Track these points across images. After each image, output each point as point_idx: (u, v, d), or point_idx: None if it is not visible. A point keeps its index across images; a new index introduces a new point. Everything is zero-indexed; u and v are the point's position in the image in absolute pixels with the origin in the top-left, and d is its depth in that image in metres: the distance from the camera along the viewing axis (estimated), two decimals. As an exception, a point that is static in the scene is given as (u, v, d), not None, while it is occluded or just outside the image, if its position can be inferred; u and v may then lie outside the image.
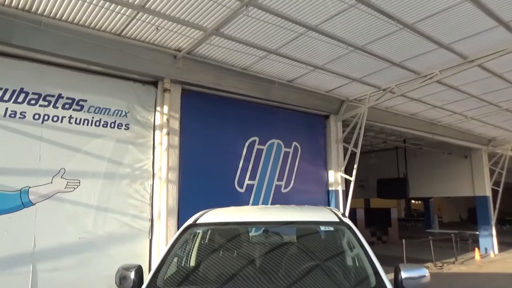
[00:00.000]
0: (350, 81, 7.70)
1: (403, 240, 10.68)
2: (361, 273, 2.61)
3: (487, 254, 13.18)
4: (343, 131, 9.03)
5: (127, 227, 5.77)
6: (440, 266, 10.71)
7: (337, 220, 3.06)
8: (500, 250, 13.59)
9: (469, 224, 20.41)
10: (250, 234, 3.35)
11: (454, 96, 8.71)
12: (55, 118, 5.33)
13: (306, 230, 3.13)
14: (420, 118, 10.75)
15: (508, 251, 13.81)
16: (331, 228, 3.03)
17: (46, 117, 5.26)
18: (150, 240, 5.96)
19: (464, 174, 14.40)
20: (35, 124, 5.17)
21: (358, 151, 8.61)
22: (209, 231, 3.22)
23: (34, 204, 5.02)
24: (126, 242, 5.69)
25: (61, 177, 5.27)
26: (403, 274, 2.48)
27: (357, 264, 2.75)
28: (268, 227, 3.26)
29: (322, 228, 3.02)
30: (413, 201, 34.89)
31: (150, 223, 6.00)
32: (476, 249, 12.60)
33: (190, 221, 3.11)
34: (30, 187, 5.01)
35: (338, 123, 8.98)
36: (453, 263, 11.30)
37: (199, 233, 3.24)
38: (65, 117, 5.41)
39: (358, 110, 8.55)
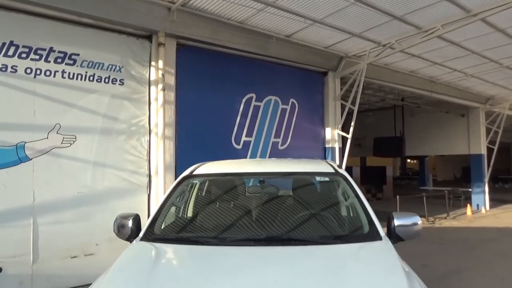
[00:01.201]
0: (350, 36, 7.51)
1: (397, 197, 10.90)
2: (355, 221, 2.66)
3: (479, 210, 13.53)
4: (341, 89, 8.93)
5: (125, 182, 5.83)
6: (432, 221, 11.01)
7: (333, 171, 3.08)
8: (491, 206, 13.94)
9: (462, 182, 20.77)
10: (246, 185, 3.39)
11: (455, 52, 8.55)
12: (47, 73, 5.22)
13: (302, 180, 3.16)
14: (419, 76, 10.62)
15: (499, 207, 14.17)
16: (327, 179, 3.06)
17: (38, 71, 5.15)
18: (149, 195, 6.05)
19: (460, 132, 14.47)
20: (27, 79, 5.07)
21: (355, 109, 8.57)
22: (206, 182, 3.25)
23: (31, 159, 5.03)
24: (125, 196, 5.76)
25: (57, 133, 5.25)
26: (396, 222, 2.53)
27: (352, 213, 2.80)
28: (264, 178, 3.29)
29: (318, 178, 3.05)
30: (408, 160, 35.35)
31: (148, 178, 6.06)
32: (468, 205, 12.91)
33: (186, 172, 3.13)
34: (26, 142, 5.00)
35: (336, 80, 8.86)
36: (445, 218, 11.61)
37: (195, 184, 3.27)
38: (57, 71, 5.30)
39: (357, 66, 8.42)
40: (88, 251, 5.36)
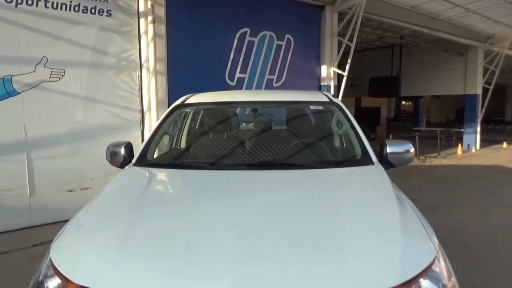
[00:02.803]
0: (349, -34, 7.09)
1: (390, 136, 11.00)
2: (349, 148, 2.67)
3: (469, 149, 13.78)
4: (339, 25, 8.61)
5: (118, 118, 5.76)
6: (423, 160, 11.24)
7: (328, 100, 3.04)
8: (481, 146, 14.19)
9: (455, 124, 20.95)
10: (240, 115, 3.36)
11: (459, -15, 8.16)
12: (29, 2, 4.92)
13: (296, 109, 3.12)
14: (420, 12, 10.23)
15: (489, 147, 14.44)
16: (321, 108, 3.02)
17: (19, 0, 4.85)
18: (142, 131, 6.02)
19: (457, 72, 14.30)
20: (8, 8, 4.78)
21: (352, 45, 8.33)
22: (199, 112, 3.21)
23: (20, 93, 4.90)
24: (118, 132, 5.72)
25: (44, 66, 5.07)
26: (389, 149, 2.53)
27: (345, 141, 2.80)
28: (258, 107, 3.25)
29: (312, 107, 3.01)
30: (403, 102, 35.34)
31: (141, 114, 6.00)
32: (459, 145, 13.11)
33: (178, 101, 3.07)
34: (12, 76, 4.84)
35: (334, 14, 8.51)
36: (436, 157, 11.84)
37: (188, 113, 3.22)
38: (40, 0, 5.00)
39: (355, 0, 8.04)
40: (84, 185, 5.43)
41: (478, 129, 14.09)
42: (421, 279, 1.38)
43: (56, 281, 1.44)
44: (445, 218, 5.26)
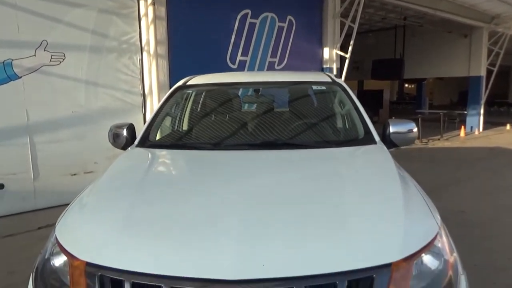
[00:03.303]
0: None
1: (392, 118, 10.93)
2: (351, 127, 2.66)
3: (472, 132, 13.72)
4: (341, 5, 8.48)
5: (119, 101, 5.76)
6: (426, 142, 11.21)
7: (330, 80, 3.02)
8: (484, 128, 14.11)
9: (458, 107, 20.81)
10: (242, 95, 3.34)
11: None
12: (27, -16, 4.87)
13: (299, 90, 3.10)
14: (424, -9, 10.06)
15: (492, 130, 14.36)
16: (324, 88, 3.00)
17: (17, -17, 4.80)
18: (144, 115, 6.02)
19: (461, 54, 14.12)
20: (6, -10, 4.73)
21: (355, 26, 8.22)
22: (203, 93, 3.19)
23: (21, 77, 4.89)
24: (120, 116, 5.70)
25: (44, 50, 5.04)
26: (392, 129, 2.52)
27: (348, 121, 2.79)
28: (260, 87, 3.23)
29: (315, 87, 2.99)
30: (406, 85, 35.02)
31: (142, 98, 5.99)
32: (462, 127, 13.05)
33: (180, 83, 3.05)
34: (13, 60, 4.81)
35: (336, -5, 8.38)
36: (438, 139, 11.81)
37: (190, 94, 3.21)
38: (38, -18, 4.94)
39: (358, -21, 7.91)
40: (88, 169, 5.46)
41: (482, 111, 13.99)
42: (423, 254, 1.39)
43: (62, 258, 1.46)
44: (446, 199, 5.27)
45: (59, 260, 1.48)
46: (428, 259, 1.40)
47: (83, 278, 1.35)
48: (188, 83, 3.04)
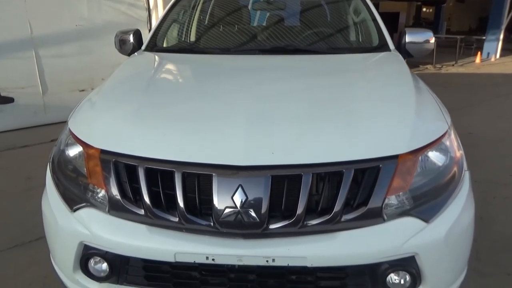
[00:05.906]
0: None
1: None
2: (366, 34, 2.57)
3: (488, 58, 13.22)
4: None
5: (124, 15, 5.56)
6: (439, 68, 10.89)
7: (345, -14, 2.84)
8: (502, 55, 13.56)
9: (477, 33, 19.86)
10: (252, 1, 3.18)
11: None
12: None
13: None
14: None
15: (509, 56, 13.81)
16: (339, -6, 2.84)
17: None
18: (149, 30, 5.80)
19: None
20: None
21: None
22: (212, 0, 3.04)
23: (20, -14, 4.68)
24: (125, 31, 5.55)
25: (43, -44, 4.76)
26: (408, 38, 2.43)
27: (363, 28, 2.67)
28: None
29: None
30: (424, 9, 33.20)
31: (147, 12, 5.76)
32: (478, 53, 12.56)
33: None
34: (10, -33, 4.57)
35: None
36: (453, 65, 11.45)
37: (198, 1, 3.06)
38: None
39: None
40: (95, 85, 5.39)
41: (501, 36, 13.32)
42: (429, 150, 1.41)
43: (77, 148, 1.50)
44: (456, 121, 5.20)
45: (74, 151, 1.52)
46: (434, 155, 1.42)
47: (98, 166, 1.39)
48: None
